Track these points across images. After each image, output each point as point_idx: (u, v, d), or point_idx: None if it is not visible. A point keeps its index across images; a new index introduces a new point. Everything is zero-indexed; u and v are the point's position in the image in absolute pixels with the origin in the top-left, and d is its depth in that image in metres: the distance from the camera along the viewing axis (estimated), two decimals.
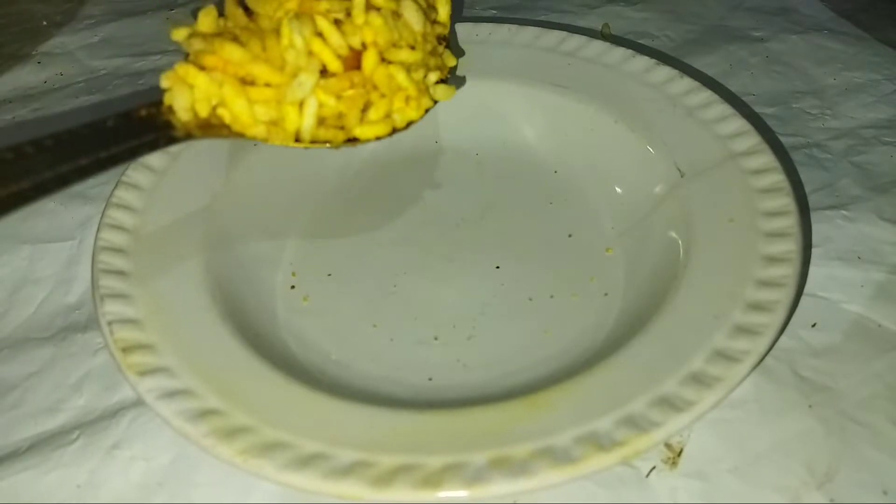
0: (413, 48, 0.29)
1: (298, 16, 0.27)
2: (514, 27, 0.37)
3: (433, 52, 0.31)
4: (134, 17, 0.47)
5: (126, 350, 0.24)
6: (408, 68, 0.29)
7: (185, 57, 0.28)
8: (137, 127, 0.25)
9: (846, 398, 0.26)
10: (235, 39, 0.27)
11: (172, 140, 0.26)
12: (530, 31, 0.37)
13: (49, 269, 0.32)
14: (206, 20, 0.28)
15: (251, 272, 0.30)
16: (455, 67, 0.33)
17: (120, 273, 0.27)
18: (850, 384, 0.26)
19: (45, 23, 0.47)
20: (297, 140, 0.28)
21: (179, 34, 0.28)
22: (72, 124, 0.24)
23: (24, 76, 0.43)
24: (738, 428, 0.25)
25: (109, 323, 0.25)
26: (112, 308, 0.25)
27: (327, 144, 0.28)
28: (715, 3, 0.46)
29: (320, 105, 0.28)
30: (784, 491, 0.23)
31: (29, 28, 0.46)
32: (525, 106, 0.35)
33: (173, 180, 0.30)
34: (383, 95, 0.29)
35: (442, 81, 0.31)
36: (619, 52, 0.35)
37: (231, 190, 0.31)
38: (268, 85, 0.27)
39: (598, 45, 0.35)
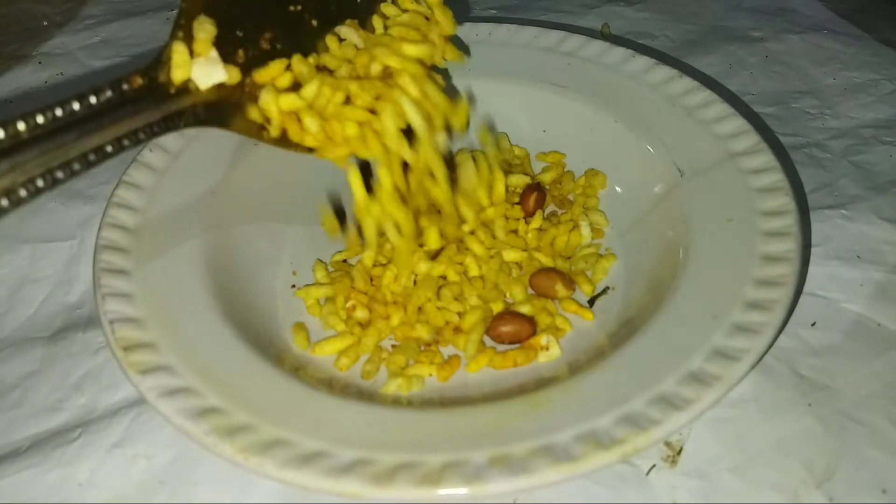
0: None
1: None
2: (513, 27, 0.37)
3: None
4: (134, 18, 0.47)
5: (127, 349, 0.24)
6: None
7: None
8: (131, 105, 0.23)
9: (845, 397, 0.26)
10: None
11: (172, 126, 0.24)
12: (530, 31, 0.37)
13: (50, 269, 0.32)
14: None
15: (252, 271, 0.30)
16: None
17: (121, 272, 0.27)
18: (849, 383, 0.26)
19: (45, 23, 0.47)
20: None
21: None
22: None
23: (24, 76, 0.43)
24: (737, 427, 0.25)
25: (111, 322, 0.25)
26: (113, 307, 0.25)
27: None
28: (714, 4, 0.46)
29: None
30: (783, 489, 0.23)
31: (29, 28, 0.46)
32: (525, 106, 0.35)
33: (174, 179, 0.30)
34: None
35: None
36: (619, 52, 0.35)
37: (232, 189, 0.31)
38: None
39: (598, 45, 0.35)
